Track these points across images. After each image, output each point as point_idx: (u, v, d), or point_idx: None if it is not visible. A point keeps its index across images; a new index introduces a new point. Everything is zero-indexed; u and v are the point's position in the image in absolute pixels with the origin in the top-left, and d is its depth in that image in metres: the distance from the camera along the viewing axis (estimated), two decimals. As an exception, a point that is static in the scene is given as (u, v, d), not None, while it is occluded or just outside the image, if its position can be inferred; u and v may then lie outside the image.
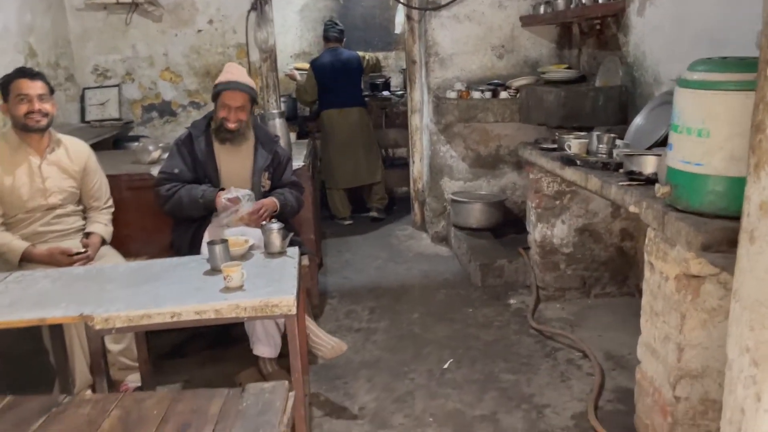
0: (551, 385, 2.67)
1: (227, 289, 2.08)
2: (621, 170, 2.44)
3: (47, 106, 2.55)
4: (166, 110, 4.82)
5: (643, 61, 3.35)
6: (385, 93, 6.03)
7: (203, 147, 2.83)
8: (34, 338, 2.69)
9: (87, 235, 2.75)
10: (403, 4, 4.68)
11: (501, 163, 4.65)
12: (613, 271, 3.51)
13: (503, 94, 4.20)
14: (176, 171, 2.80)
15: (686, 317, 1.76)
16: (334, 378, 2.80)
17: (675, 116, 1.75)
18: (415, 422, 2.45)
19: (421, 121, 4.89)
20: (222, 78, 2.88)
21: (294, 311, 2.03)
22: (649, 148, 2.82)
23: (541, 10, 4.09)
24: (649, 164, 2.15)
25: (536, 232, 3.48)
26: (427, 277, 4.07)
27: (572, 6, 3.77)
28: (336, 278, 4.10)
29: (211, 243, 2.27)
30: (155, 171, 3.28)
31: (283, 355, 2.74)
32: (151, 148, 3.51)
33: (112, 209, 2.91)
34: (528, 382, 2.71)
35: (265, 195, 2.95)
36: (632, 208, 2.06)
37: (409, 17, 4.75)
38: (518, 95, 4.11)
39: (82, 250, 2.59)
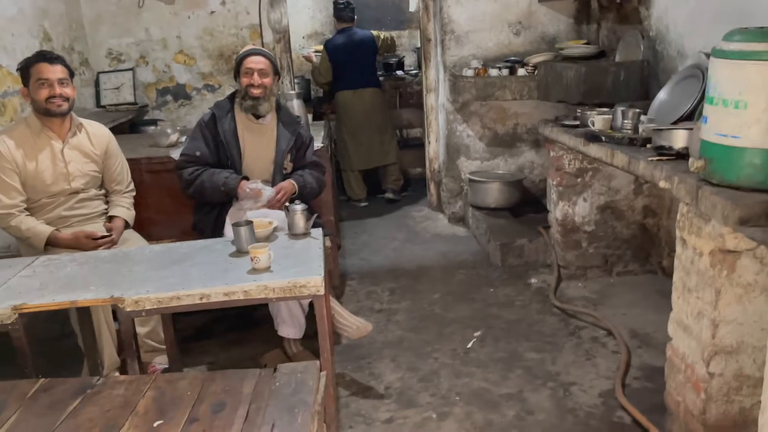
0: (576, 363, 2.67)
1: (254, 271, 2.08)
2: (648, 146, 2.41)
3: (68, 91, 2.54)
4: (180, 93, 4.80)
5: (666, 34, 3.29)
6: (399, 72, 5.97)
7: (226, 128, 2.81)
8: (60, 321, 2.71)
9: (110, 218, 2.75)
10: (417, -19, 4.61)
11: (518, 142, 4.60)
12: (636, 248, 3.49)
13: (521, 71, 4.14)
14: (198, 153, 2.79)
15: (721, 293, 1.74)
16: (359, 358, 2.81)
17: (710, 88, 1.71)
18: (441, 401, 2.46)
19: (437, 100, 4.84)
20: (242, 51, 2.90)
21: (322, 291, 2.03)
22: (675, 123, 2.78)
23: (560, -16, 4.02)
24: (679, 138, 2.12)
25: (557, 210, 3.45)
26: (446, 257, 4.06)
27: (592, -21, 3.70)
28: (354, 260, 4.10)
29: (236, 225, 2.27)
30: (175, 154, 3.28)
31: (307, 336, 2.76)
32: (169, 131, 3.51)
33: (134, 193, 2.91)
34: (553, 360, 2.70)
35: (286, 176, 2.94)
36: (663, 183, 2.03)
37: (423, -6, 4.69)
38: (536, 72, 4.05)
39: (107, 233, 2.59)
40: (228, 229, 2.70)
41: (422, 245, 4.33)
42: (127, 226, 2.77)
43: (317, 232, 2.45)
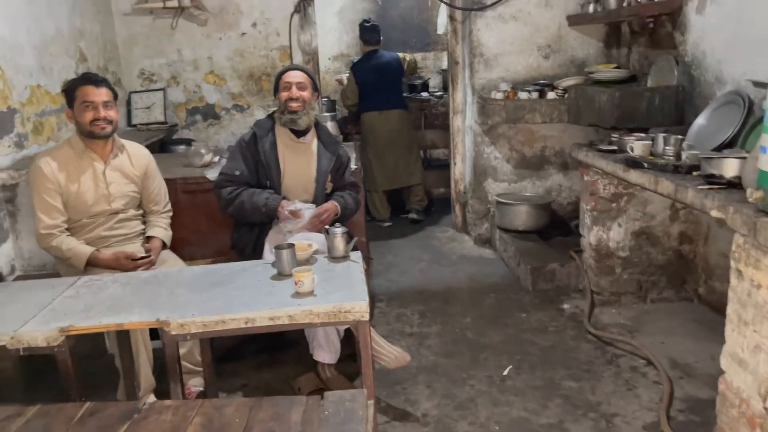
0: (617, 393, 2.61)
1: (298, 295, 2.07)
2: (695, 173, 2.38)
3: (112, 113, 2.56)
4: (209, 113, 4.84)
5: (702, 60, 3.27)
6: (424, 94, 5.99)
7: (267, 147, 2.82)
8: (94, 339, 2.71)
9: (148, 239, 2.76)
10: (446, 4, 4.64)
11: (546, 164, 4.59)
12: (671, 275, 3.44)
13: (550, 95, 4.14)
14: (237, 173, 2.80)
15: (781, 327, 1.70)
16: (393, 383, 2.78)
17: (769, 118, 1.69)
18: (480, 430, 2.42)
19: (464, 122, 4.84)
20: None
21: (367, 317, 2.01)
22: (715, 149, 2.76)
23: (590, 8, 4.02)
24: (730, 167, 2.09)
25: (591, 235, 3.42)
26: (474, 280, 4.03)
27: (625, 4, 3.70)
28: (381, 281, 4.08)
29: (278, 248, 2.26)
30: (210, 174, 3.30)
31: (340, 360, 2.74)
32: (203, 151, 3.53)
33: (171, 213, 2.92)
34: (592, 389, 2.65)
35: (327, 197, 2.94)
36: (715, 213, 2.00)
37: (451, 18, 4.71)
38: (566, 95, 4.05)
39: (145, 254, 2.60)
40: (267, 252, 2.69)
41: (449, 267, 4.30)
42: (164, 246, 2.78)
43: (356, 255, 2.44)
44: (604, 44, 4.41)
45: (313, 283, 2.08)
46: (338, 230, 2.41)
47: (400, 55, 5.30)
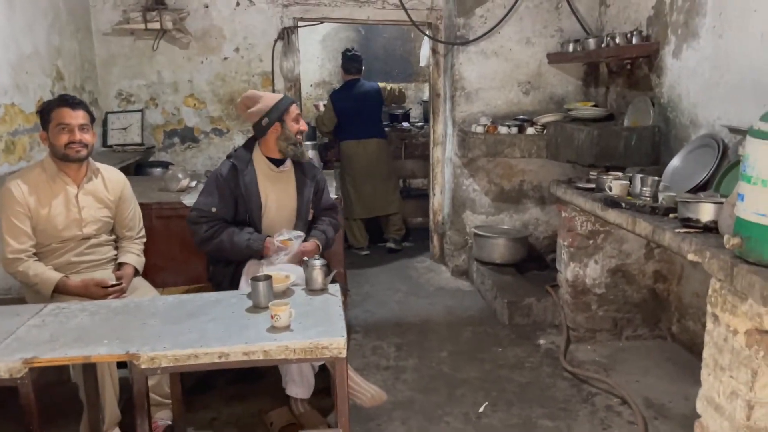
0: (592, 433, 2.60)
1: (274, 329, 2.02)
2: (671, 215, 2.41)
3: (87, 137, 2.50)
4: (188, 136, 4.79)
5: (678, 103, 3.35)
6: (405, 124, 6.03)
7: (248, 180, 2.73)
8: (59, 367, 2.61)
9: (119, 265, 2.69)
10: (430, 38, 4.70)
11: (524, 198, 4.63)
12: (646, 313, 3.46)
13: (530, 130, 4.19)
14: (213, 210, 2.69)
15: (758, 374, 1.71)
16: (368, 420, 2.72)
17: (747, 167, 1.72)
18: (455, 470, 2.37)
19: (443, 153, 4.87)
20: (268, 97, 2.78)
21: (344, 354, 1.96)
22: (690, 191, 2.80)
23: (570, 48, 4.11)
24: (707, 212, 2.12)
25: (568, 271, 3.43)
26: (452, 312, 4.01)
27: (603, 45, 3.78)
28: (358, 312, 4.03)
29: (254, 279, 2.21)
30: (186, 200, 3.25)
31: (313, 394, 2.68)
32: (180, 176, 3.47)
33: (145, 239, 2.85)
34: (568, 429, 2.63)
35: (309, 224, 2.91)
36: (692, 257, 2.02)
37: (434, 51, 4.77)
38: (545, 131, 4.10)
39: (117, 281, 2.52)
40: (244, 283, 2.63)
41: (426, 299, 4.28)
42: (136, 273, 2.70)
43: (335, 288, 2.40)
44: (582, 82, 4.49)
45: (290, 318, 2.04)
46: (317, 262, 2.36)
47: (381, 84, 5.34)
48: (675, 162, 3.11)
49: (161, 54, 4.62)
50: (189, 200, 3.22)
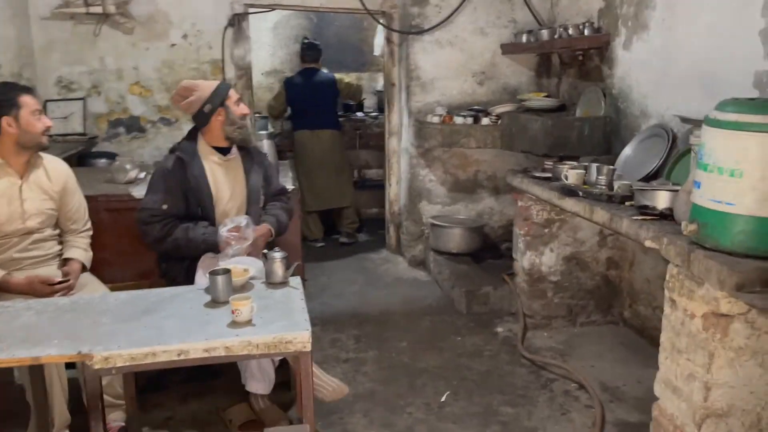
0: (552, 419, 2.64)
1: (235, 324, 1.96)
2: (627, 203, 2.46)
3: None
4: (134, 126, 4.61)
5: (629, 93, 3.43)
6: (359, 114, 5.97)
7: (197, 172, 2.63)
8: (1, 370, 2.47)
9: (65, 261, 2.55)
10: (384, 26, 4.66)
11: (479, 188, 4.66)
12: (599, 299, 3.54)
13: (485, 120, 4.21)
14: (164, 207, 2.57)
15: (715, 356, 1.76)
16: (329, 413, 2.69)
17: (704, 155, 1.76)
18: (420, 460, 2.37)
19: (399, 144, 4.85)
20: (205, 85, 2.69)
21: (309, 348, 1.92)
22: (642, 180, 2.88)
23: (524, 39, 4.15)
24: (662, 199, 2.17)
25: (524, 259, 3.48)
26: (409, 302, 4.01)
27: (556, 37, 3.83)
28: (315, 304, 3.97)
29: (213, 273, 2.14)
30: (136, 192, 3.12)
31: (272, 388, 2.63)
32: (128, 167, 3.33)
33: (91, 232, 2.72)
34: (528, 415, 2.67)
35: (261, 210, 2.84)
36: (649, 243, 2.06)
37: (388, 40, 4.74)
38: (499, 122, 4.14)
39: (63, 278, 2.40)
40: (200, 277, 2.54)
41: (384, 289, 4.26)
42: (84, 269, 2.58)
43: (296, 281, 2.35)
44: (535, 73, 4.55)
45: (252, 312, 1.98)
46: (277, 255, 2.31)
47: (338, 76, 5.27)
48: (627, 151, 3.18)
49: (104, 40, 4.42)
50: (138, 192, 3.10)
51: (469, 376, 3.02)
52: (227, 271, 2.17)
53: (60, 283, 2.36)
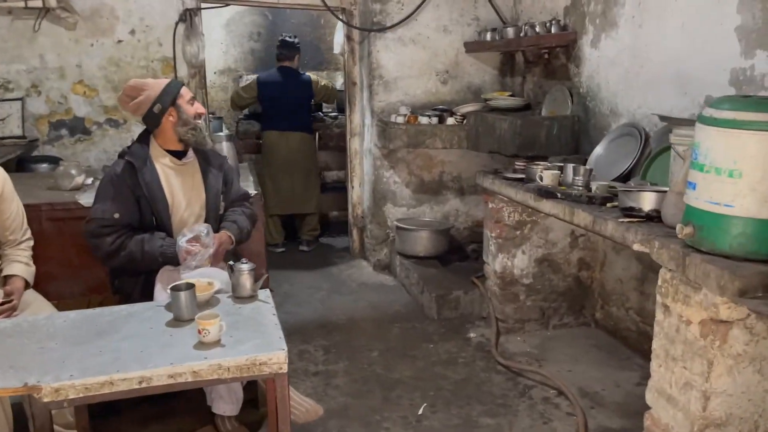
0: (534, 428, 2.55)
1: (202, 345, 1.78)
2: (608, 204, 2.39)
3: None
4: (78, 127, 4.30)
5: (597, 92, 3.39)
6: (318, 114, 5.80)
7: (149, 178, 2.42)
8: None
9: (5, 278, 2.30)
10: (345, 23, 4.51)
11: (444, 190, 4.57)
12: (571, 301, 3.49)
13: (450, 120, 4.12)
14: (116, 216, 2.37)
15: (714, 364, 1.69)
16: (302, 432, 2.53)
17: (699, 155, 1.69)
18: (401, 480, 2.24)
19: (362, 144, 4.71)
20: (154, 83, 2.49)
21: (285, 369, 1.77)
22: (616, 179, 2.83)
23: (488, 36, 4.07)
24: (648, 201, 2.10)
25: (496, 262, 3.39)
26: (377, 309, 3.87)
27: (522, 35, 3.77)
28: (279, 313, 3.70)
29: (174, 288, 1.96)
30: (83, 199, 2.88)
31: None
32: (73, 172, 3.08)
33: (32, 243, 2.47)
34: (510, 425, 2.57)
35: (220, 218, 2.65)
36: (638, 247, 1.99)
37: (349, 38, 4.59)
38: (465, 122, 4.05)
39: (6, 299, 2.15)
40: (159, 292, 2.34)
41: (350, 295, 4.12)
42: (27, 285, 2.33)
43: (265, 294, 2.19)
44: (499, 72, 4.49)
45: (221, 332, 1.81)
46: (245, 267, 2.14)
47: (313, 77, 5.09)
48: (598, 150, 3.13)
49: (44, 35, 4.11)
50: (86, 199, 2.86)
51: (445, 385, 2.91)
52: (191, 286, 1.99)
53: (1, 304, 2.12)
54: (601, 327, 3.47)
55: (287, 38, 5.00)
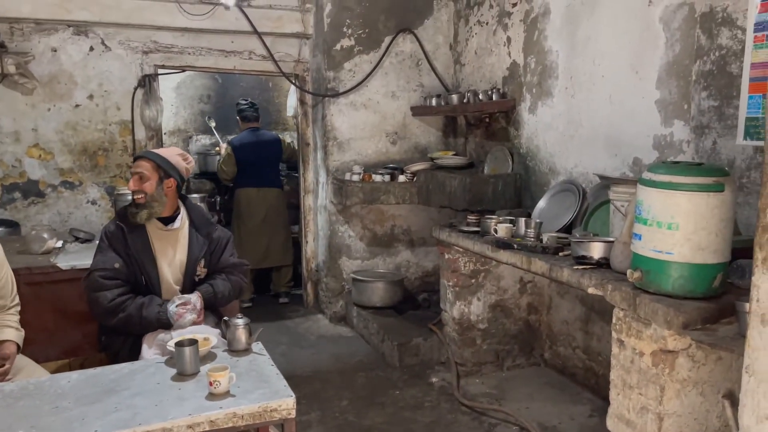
0: (504, 461, 2.77)
1: (213, 396, 1.91)
2: (560, 254, 2.71)
3: None
4: (32, 190, 4.29)
5: (536, 153, 3.79)
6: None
7: (138, 242, 2.55)
8: None
9: (-3, 343, 2.33)
10: (301, 89, 4.79)
11: (395, 242, 4.83)
12: (522, 343, 3.78)
13: (401, 178, 4.43)
14: (117, 266, 2.48)
15: (665, 389, 1.99)
16: (288, 481, 2.62)
17: (642, 210, 2.03)
18: None
19: (315, 201, 4.92)
20: None
21: (294, 414, 1.92)
22: (560, 231, 3.17)
23: (434, 102, 4.45)
24: (597, 250, 2.42)
25: (454, 309, 3.65)
26: (340, 360, 4.02)
27: (465, 101, 4.16)
28: (243, 368, 3.85)
29: (179, 345, 2.07)
30: (61, 262, 2.93)
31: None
32: (46, 236, 3.12)
33: (19, 308, 2.50)
34: (482, 461, 2.78)
35: (199, 283, 2.75)
36: (592, 290, 2.30)
37: (302, 101, 4.86)
38: (415, 179, 4.37)
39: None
40: (146, 351, 2.42)
41: (310, 348, 4.24)
42: (17, 349, 2.36)
43: (258, 347, 2.33)
44: (443, 133, 4.86)
45: (230, 383, 1.94)
46: (240, 321, 2.28)
47: (280, 136, 5.35)
48: (541, 204, 3.50)
49: (0, 100, 4.13)
50: (63, 262, 2.91)
51: (416, 429, 3.08)
52: (194, 342, 2.11)
53: (-4, 368, 2.15)
54: (550, 366, 3.76)
55: (251, 101, 5.28)
